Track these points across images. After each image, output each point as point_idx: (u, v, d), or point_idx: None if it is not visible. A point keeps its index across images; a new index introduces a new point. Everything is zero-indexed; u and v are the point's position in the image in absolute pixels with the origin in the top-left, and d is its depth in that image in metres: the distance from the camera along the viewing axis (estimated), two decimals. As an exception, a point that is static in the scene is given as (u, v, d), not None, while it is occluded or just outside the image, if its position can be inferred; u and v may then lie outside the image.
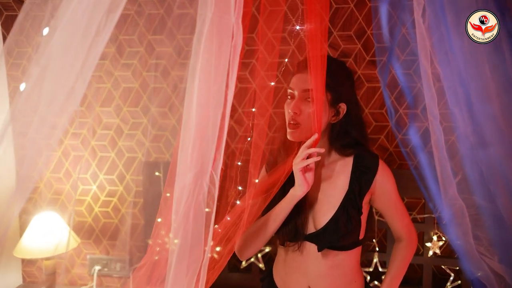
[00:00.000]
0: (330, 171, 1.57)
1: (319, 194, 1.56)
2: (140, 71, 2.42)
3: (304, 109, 1.47)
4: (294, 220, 1.54)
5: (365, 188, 1.54)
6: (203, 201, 1.18)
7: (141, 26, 2.39)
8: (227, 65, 1.11)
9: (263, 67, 1.68)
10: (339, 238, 1.50)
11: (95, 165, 2.52)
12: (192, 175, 1.16)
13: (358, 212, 1.53)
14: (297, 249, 1.56)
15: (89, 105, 2.49)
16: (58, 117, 1.22)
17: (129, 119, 2.47)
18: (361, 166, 1.55)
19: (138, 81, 2.43)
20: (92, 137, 2.51)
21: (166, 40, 2.38)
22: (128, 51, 2.42)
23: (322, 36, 1.37)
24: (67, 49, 1.15)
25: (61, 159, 2.55)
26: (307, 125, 1.46)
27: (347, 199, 1.52)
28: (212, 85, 1.12)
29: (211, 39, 1.09)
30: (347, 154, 1.56)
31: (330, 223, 1.50)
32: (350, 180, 1.54)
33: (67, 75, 1.16)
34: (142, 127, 2.46)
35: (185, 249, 1.20)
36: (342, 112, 1.51)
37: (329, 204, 1.53)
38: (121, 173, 2.50)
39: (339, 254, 1.54)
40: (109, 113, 2.48)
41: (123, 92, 2.45)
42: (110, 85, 2.46)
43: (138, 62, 2.42)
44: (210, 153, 1.16)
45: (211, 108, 1.13)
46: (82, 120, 2.51)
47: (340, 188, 1.54)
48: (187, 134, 1.14)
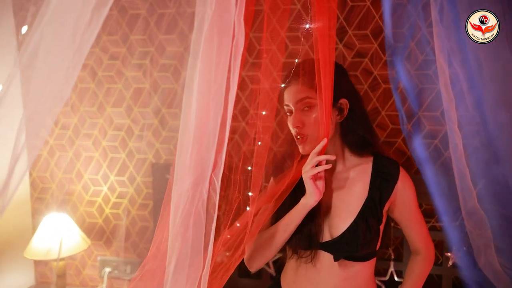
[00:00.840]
0: (347, 176, 1.50)
1: (336, 200, 1.48)
2: (151, 71, 2.39)
3: (306, 119, 1.41)
4: (308, 227, 1.46)
5: (385, 196, 1.47)
6: (202, 208, 1.12)
7: (152, 26, 2.35)
8: (228, 65, 1.05)
9: (275, 68, 1.63)
10: (358, 248, 1.42)
11: (106, 166, 2.50)
12: (191, 181, 1.11)
13: (378, 222, 1.45)
14: (310, 258, 1.48)
15: (100, 106, 2.47)
16: (45, 117, 1.16)
17: (139, 120, 2.43)
18: (381, 173, 1.47)
19: (149, 82, 2.39)
20: (103, 138, 2.48)
21: (177, 40, 2.34)
22: (139, 51, 2.39)
23: (330, 37, 1.30)
24: (53, 48, 1.10)
25: (72, 159, 2.53)
26: (315, 133, 1.41)
27: (367, 206, 1.44)
28: (212, 86, 1.06)
29: (211, 38, 1.03)
30: (364, 155, 1.49)
31: (349, 232, 1.42)
32: (369, 187, 1.47)
33: (54, 76, 1.11)
34: (153, 128, 2.42)
35: (184, 258, 1.14)
36: (345, 108, 1.45)
37: (347, 212, 1.45)
38: (132, 174, 2.47)
39: (354, 265, 1.46)
40: (120, 113, 2.45)
41: (134, 93, 2.42)
42: (121, 85, 2.43)
43: (149, 62, 2.38)
44: (210, 157, 1.10)
45: (211, 110, 1.07)
46: (93, 121, 2.49)
47: (358, 194, 1.46)
48: (185, 137, 1.08)
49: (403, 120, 1.19)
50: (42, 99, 1.14)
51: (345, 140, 1.49)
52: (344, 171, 1.51)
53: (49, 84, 1.14)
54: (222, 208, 1.61)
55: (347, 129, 1.47)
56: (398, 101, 1.21)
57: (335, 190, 1.50)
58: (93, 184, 2.53)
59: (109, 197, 2.52)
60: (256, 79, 1.89)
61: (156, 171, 2.35)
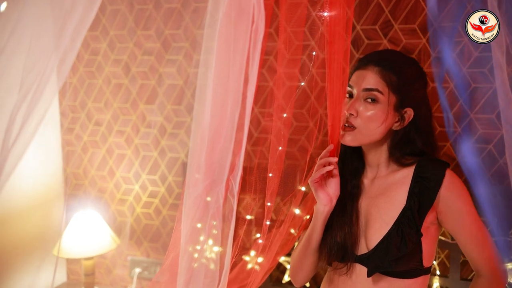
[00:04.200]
0: (387, 183, 1.34)
1: (372, 209, 1.34)
2: (185, 68, 2.31)
3: (363, 111, 1.27)
4: (344, 238, 1.32)
5: (426, 205, 1.28)
6: (218, 214, 1.01)
7: (188, 20, 2.27)
8: (247, 55, 0.93)
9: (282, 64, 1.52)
10: (391, 262, 1.25)
11: (138, 164, 2.44)
12: (205, 185, 1.00)
13: (417, 233, 1.26)
14: (345, 271, 1.33)
15: (134, 102, 2.41)
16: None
17: (172, 117, 2.36)
18: (423, 179, 1.29)
19: (183, 78, 2.32)
20: (136, 135, 2.43)
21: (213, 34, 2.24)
22: (173, 46, 2.31)
23: (343, 31, 1.19)
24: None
25: (105, 156, 2.50)
26: (365, 129, 1.28)
27: (404, 216, 1.27)
28: (229, 78, 0.94)
29: (228, 24, 0.91)
30: (407, 164, 1.32)
31: (382, 244, 1.27)
32: (408, 194, 1.29)
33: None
34: (186, 126, 2.34)
35: (197, 271, 1.03)
36: (407, 118, 1.30)
37: (382, 222, 1.30)
38: (163, 173, 2.40)
39: (396, 282, 1.29)
40: (153, 110, 2.39)
41: (167, 89, 2.35)
42: (154, 81, 2.37)
43: (184, 58, 2.30)
44: (227, 158, 0.99)
45: (228, 105, 0.96)
46: (126, 118, 2.44)
47: (397, 203, 1.30)
48: (199, 137, 0.97)
49: (449, 121, 1.05)
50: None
51: (394, 149, 1.33)
52: (383, 176, 1.36)
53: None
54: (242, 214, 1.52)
55: (398, 140, 1.32)
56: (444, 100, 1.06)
57: (373, 198, 1.35)
58: (125, 183, 2.48)
59: (140, 196, 2.46)
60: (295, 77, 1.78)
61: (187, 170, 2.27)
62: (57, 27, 0.97)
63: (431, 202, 1.28)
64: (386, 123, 1.28)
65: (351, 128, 1.29)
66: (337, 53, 1.22)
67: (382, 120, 1.26)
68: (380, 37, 2.03)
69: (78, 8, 0.96)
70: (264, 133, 2.17)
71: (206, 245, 1.07)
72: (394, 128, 1.31)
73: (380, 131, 1.28)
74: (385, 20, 2.02)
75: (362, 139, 1.30)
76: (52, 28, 0.98)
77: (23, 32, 0.97)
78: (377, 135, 1.29)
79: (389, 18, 2.01)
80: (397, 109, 1.28)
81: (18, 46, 1.00)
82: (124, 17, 2.36)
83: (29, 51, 1.00)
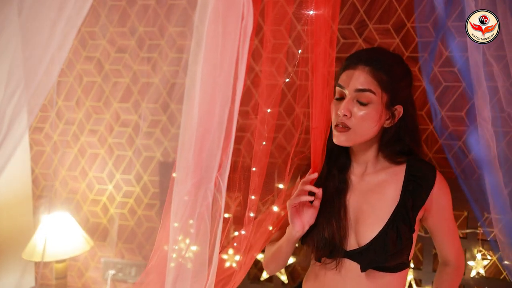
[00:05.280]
0: (378, 179, 1.37)
1: (364, 205, 1.36)
2: (161, 66, 2.28)
3: (356, 112, 1.27)
4: (332, 233, 1.34)
5: (419, 203, 1.34)
6: (207, 211, 1.00)
7: (162, 17, 2.25)
8: (236, 51, 0.93)
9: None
10: (387, 258, 1.29)
11: (111, 163, 2.39)
12: (193, 182, 0.99)
13: (410, 230, 1.32)
14: (334, 267, 1.35)
15: (107, 101, 2.37)
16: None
17: (147, 116, 2.33)
18: (416, 178, 1.34)
19: (158, 76, 2.29)
20: (109, 135, 2.38)
21: (188, 32, 2.23)
22: (148, 44, 2.28)
23: (327, 30, 1.21)
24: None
25: (77, 156, 2.43)
26: (359, 129, 1.29)
27: (398, 213, 1.32)
28: (218, 75, 0.94)
29: (217, 20, 0.90)
30: (398, 162, 1.37)
31: (377, 240, 1.30)
32: (401, 191, 1.34)
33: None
34: (162, 125, 2.32)
35: (185, 269, 1.02)
36: (398, 115, 1.32)
37: (376, 218, 1.33)
38: (139, 173, 2.37)
39: (385, 276, 1.33)
40: (127, 109, 2.35)
41: (142, 88, 2.31)
42: (128, 79, 2.32)
43: (159, 55, 2.28)
44: (216, 155, 0.98)
45: (217, 102, 0.95)
46: (99, 117, 2.39)
47: (389, 199, 1.34)
48: (187, 134, 0.96)
49: (436, 113, 1.09)
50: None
51: (384, 146, 1.36)
52: (374, 173, 1.39)
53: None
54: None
55: (389, 137, 1.35)
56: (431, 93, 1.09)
57: (363, 194, 1.38)
58: (98, 183, 2.43)
59: (114, 196, 2.42)
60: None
61: (164, 170, 2.24)
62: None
63: (423, 201, 1.34)
64: (379, 122, 1.30)
65: (346, 128, 1.29)
66: (321, 53, 1.23)
67: (376, 120, 1.28)
68: (356, 36, 2.06)
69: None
70: (241, 131, 2.17)
71: (193, 244, 1.07)
72: (386, 126, 1.33)
73: (374, 130, 1.30)
74: (360, 20, 2.05)
75: (356, 139, 1.31)
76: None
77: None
78: (371, 134, 1.31)
79: (364, 18, 2.05)
80: (388, 107, 1.30)
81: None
82: (96, 13, 2.31)
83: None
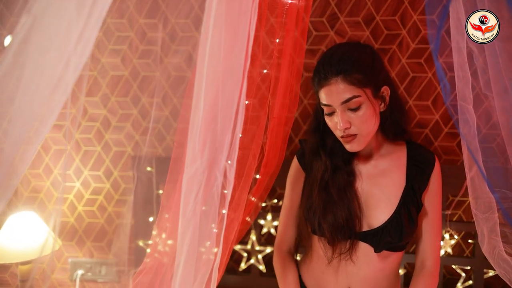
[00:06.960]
0: (383, 164, 1.43)
1: (374, 189, 1.41)
2: (131, 58, 2.23)
3: (353, 119, 1.30)
4: (347, 220, 1.36)
5: (422, 186, 1.40)
6: (216, 192, 1.00)
7: (132, 9, 2.20)
8: (248, 32, 0.93)
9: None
10: (402, 238, 1.34)
11: (79, 160, 2.31)
12: (202, 164, 0.98)
13: (417, 210, 1.39)
14: (347, 249, 1.37)
15: (73, 94, 2.27)
16: (42, 108, 0.99)
17: (117, 110, 2.27)
18: (417, 162, 1.41)
19: (128, 69, 2.23)
20: (76, 130, 2.29)
21: (158, 24, 2.19)
22: (116, 35, 2.22)
23: (293, 24, 1.25)
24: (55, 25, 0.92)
25: (40, 153, 2.33)
26: (365, 131, 1.32)
27: (407, 195, 1.38)
28: (228, 55, 0.94)
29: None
30: (398, 142, 1.45)
31: (391, 222, 1.35)
32: (406, 175, 1.40)
33: (53, 61, 0.93)
34: (132, 119, 2.26)
35: (193, 251, 1.02)
36: (387, 95, 1.36)
37: (387, 201, 1.38)
38: (108, 168, 2.30)
39: (390, 256, 1.39)
40: (95, 103, 2.27)
41: (111, 81, 2.25)
42: (96, 72, 2.25)
43: (128, 48, 2.22)
44: (225, 137, 0.98)
45: (226, 84, 0.95)
46: (65, 111, 2.29)
47: (396, 183, 1.40)
48: (196, 116, 0.95)
49: (446, 89, 1.13)
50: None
51: (384, 129, 1.41)
52: (379, 158, 1.44)
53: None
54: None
55: (389, 118, 1.39)
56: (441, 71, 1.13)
57: (372, 178, 1.42)
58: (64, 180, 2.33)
59: (82, 194, 2.33)
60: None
61: (136, 164, 2.19)
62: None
63: (425, 185, 1.40)
64: (377, 113, 1.33)
65: (352, 136, 1.31)
66: (288, 45, 1.26)
67: (374, 114, 1.31)
68: (327, 29, 2.11)
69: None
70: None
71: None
72: (381, 110, 1.36)
73: (377, 122, 1.34)
74: (332, 13, 2.10)
75: (367, 139, 1.34)
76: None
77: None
78: (376, 127, 1.35)
79: (335, 11, 2.10)
80: (376, 95, 1.33)
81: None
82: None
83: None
